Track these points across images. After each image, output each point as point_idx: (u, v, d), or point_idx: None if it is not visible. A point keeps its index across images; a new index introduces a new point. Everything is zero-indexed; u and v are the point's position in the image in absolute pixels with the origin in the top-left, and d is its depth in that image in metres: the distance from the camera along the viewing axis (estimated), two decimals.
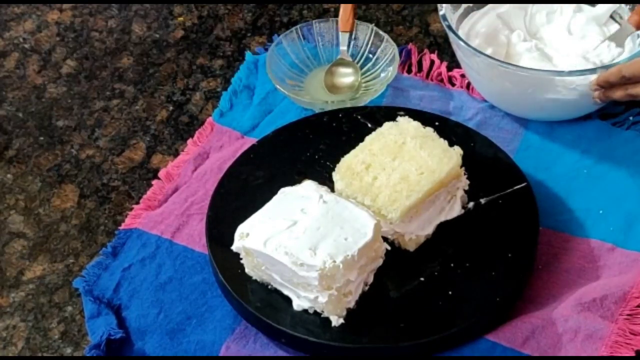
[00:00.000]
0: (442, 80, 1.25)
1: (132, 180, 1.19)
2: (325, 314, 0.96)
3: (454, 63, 1.24)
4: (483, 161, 1.08)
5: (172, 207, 1.12)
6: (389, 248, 0.99)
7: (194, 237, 1.08)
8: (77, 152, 1.23)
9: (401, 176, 1.01)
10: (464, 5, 1.22)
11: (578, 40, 1.20)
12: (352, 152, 1.05)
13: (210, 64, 1.34)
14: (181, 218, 1.10)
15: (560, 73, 1.11)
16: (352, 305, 0.97)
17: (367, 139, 1.06)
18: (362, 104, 1.21)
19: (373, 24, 1.28)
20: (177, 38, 1.38)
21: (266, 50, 1.30)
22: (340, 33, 1.27)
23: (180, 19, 1.42)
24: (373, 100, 1.22)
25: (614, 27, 1.20)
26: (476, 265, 1.00)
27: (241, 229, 0.98)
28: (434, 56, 1.28)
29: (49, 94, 1.32)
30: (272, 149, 1.14)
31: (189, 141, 1.22)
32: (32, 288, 1.08)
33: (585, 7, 1.22)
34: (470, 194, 1.05)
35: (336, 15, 1.28)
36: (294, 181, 1.03)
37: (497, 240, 1.02)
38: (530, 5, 1.23)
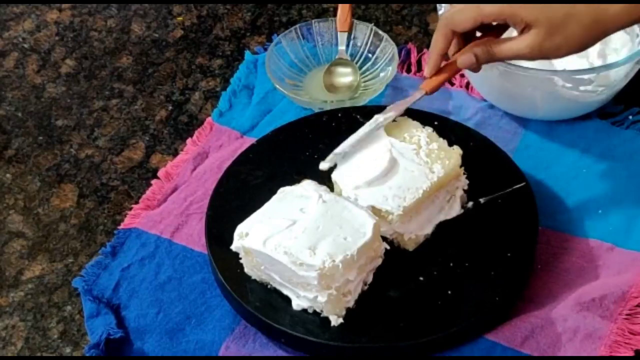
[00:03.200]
0: None
1: (131, 179, 1.19)
2: (324, 314, 0.96)
3: None
4: (482, 161, 1.08)
5: (171, 206, 1.12)
6: (388, 248, 0.99)
7: (193, 236, 1.08)
8: (77, 152, 1.23)
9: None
10: None
11: None
12: None
13: (209, 63, 1.34)
14: (180, 218, 1.10)
15: (560, 73, 1.11)
16: (351, 304, 0.97)
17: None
18: (361, 104, 1.21)
19: (372, 24, 1.28)
20: (176, 38, 1.38)
21: (265, 49, 1.30)
22: (338, 33, 1.27)
23: (180, 18, 1.41)
24: (372, 100, 1.22)
25: None
26: (475, 265, 1.00)
27: (240, 228, 0.98)
28: None
29: (48, 94, 1.32)
30: (271, 148, 1.14)
31: (188, 141, 1.22)
32: (32, 288, 1.08)
33: None
34: (470, 193, 1.05)
35: (336, 15, 1.28)
36: (293, 181, 1.03)
37: (496, 240, 1.02)
38: None
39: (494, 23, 1.01)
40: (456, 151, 1.03)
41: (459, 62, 1.02)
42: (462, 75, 1.24)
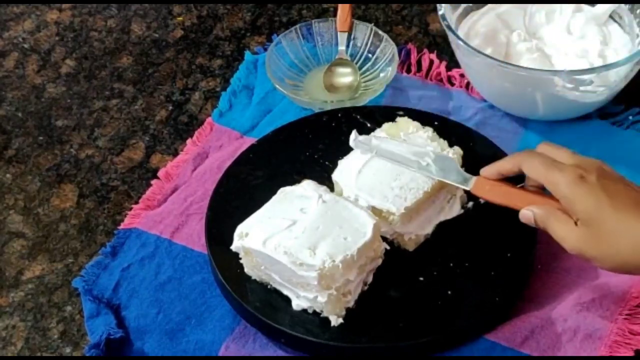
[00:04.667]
0: (441, 80, 1.25)
1: (131, 180, 1.19)
2: (324, 314, 0.96)
3: (453, 63, 1.24)
4: (483, 161, 1.08)
5: (171, 206, 1.12)
6: (388, 248, 0.99)
7: (193, 236, 1.08)
8: (77, 152, 1.23)
9: None
10: (463, 5, 1.22)
11: (577, 40, 1.20)
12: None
13: (209, 63, 1.34)
14: (180, 218, 1.10)
15: (560, 73, 1.11)
16: (351, 305, 0.97)
17: None
18: (361, 104, 1.21)
19: (372, 24, 1.28)
20: (176, 38, 1.38)
21: (265, 50, 1.30)
22: (338, 33, 1.27)
23: (180, 18, 1.41)
24: (372, 100, 1.22)
25: (613, 27, 1.21)
26: (475, 265, 1.00)
27: (240, 228, 0.98)
28: (433, 56, 1.28)
29: (48, 94, 1.31)
30: (271, 148, 1.14)
31: (189, 141, 1.22)
32: (32, 288, 1.08)
33: (584, 7, 1.22)
34: (470, 193, 1.05)
35: (336, 15, 1.28)
36: (293, 181, 1.03)
37: (496, 240, 1.02)
38: (530, 5, 1.23)
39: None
40: (457, 151, 1.03)
41: (520, 214, 0.94)
42: (462, 75, 1.24)
